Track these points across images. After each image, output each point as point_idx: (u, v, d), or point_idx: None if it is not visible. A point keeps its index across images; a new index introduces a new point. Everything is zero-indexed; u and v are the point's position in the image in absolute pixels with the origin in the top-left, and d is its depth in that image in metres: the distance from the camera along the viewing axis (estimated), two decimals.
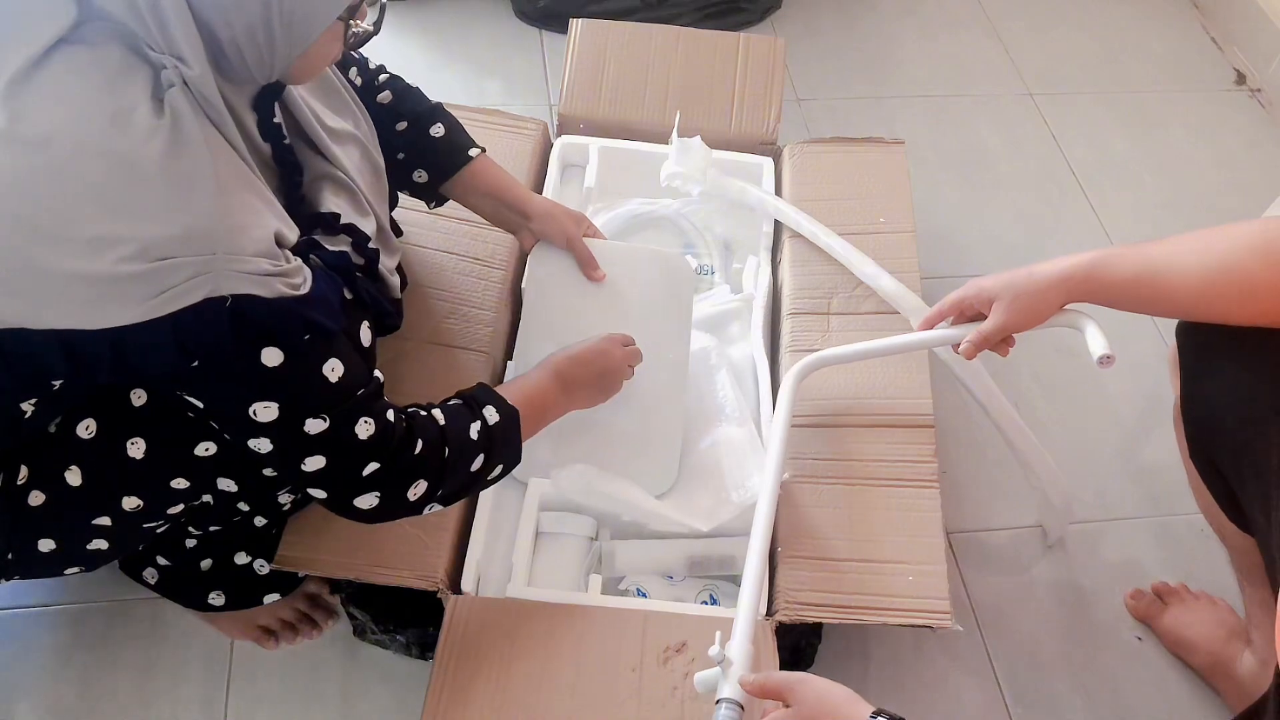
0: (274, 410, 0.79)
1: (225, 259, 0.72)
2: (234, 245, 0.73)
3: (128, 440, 0.86)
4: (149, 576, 1.11)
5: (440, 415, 0.92)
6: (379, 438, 0.85)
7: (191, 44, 0.74)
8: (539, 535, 1.13)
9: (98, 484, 0.87)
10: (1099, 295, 0.97)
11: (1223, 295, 0.90)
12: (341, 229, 0.92)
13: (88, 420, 0.86)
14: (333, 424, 0.82)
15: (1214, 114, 1.89)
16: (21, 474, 0.86)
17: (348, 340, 0.83)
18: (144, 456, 0.87)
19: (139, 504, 0.89)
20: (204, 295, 0.72)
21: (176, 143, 0.72)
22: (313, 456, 0.83)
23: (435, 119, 1.13)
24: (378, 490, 0.88)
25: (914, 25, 2.03)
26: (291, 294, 0.76)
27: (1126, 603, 1.26)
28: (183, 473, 0.89)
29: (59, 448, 0.86)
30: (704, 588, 1.13)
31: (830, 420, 1.17)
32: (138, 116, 0.72)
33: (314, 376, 0.80)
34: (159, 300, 0.71)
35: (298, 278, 0.77)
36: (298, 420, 0.81)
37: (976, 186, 1.74)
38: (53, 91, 0.71)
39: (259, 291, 0.74)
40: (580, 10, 1.72)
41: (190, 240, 0.71)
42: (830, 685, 0.83)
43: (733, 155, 1.42)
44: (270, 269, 0.75)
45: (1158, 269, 0.92)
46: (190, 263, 0.71)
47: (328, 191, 0.93)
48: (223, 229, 0.73)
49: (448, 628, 1.00)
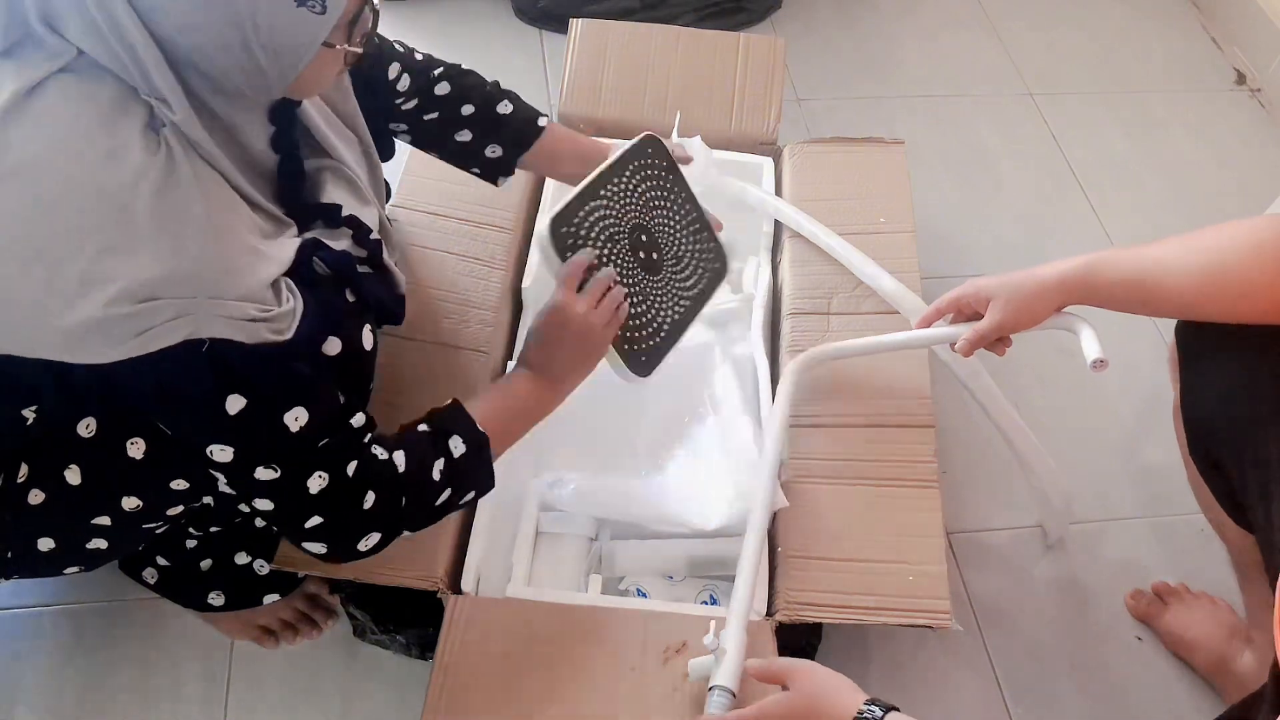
0: (229, 454, 0.79)
1: (207, 303, 0.72)
2: (218, 289, 0.73)
3: (128, 440, 0.86)
4: (149, 576, 1.11)
5: (400, 459, 0.88)
6: (329, 491, 0.84)
7: (172, 90, 0.73)
8: (539, 535, 1.13)
9: (97, 483, 0.87)
10: (1095, 298, 0.98)
11: (1218, 295, 0.90)
12: (344, 221, 0.93)
13: (88, 419, 0.86)
14: (283, 474, 0.81)
15: (1214, 114, 1.89)
16: (21, 472, 0.86)
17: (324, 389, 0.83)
18: (144, 457, 0.87)
19: (138, 504, 0.89)
20: (183, 337, 0.72)
21: (168, 183, 0.72)
22: (262, 499, 0.83)
23: (501, 97, 1.14)
24: (323, 541, 0.87)
25: (914, 25, 2.03)
26: (274, 340, 0.76)
27: (1126, 603, 1.26)
28: (182, 474, 0.89)
29: (59, 447, 0.86)
30: (704, 588, 1.13)
31: (830, 420, 1.17)
32: (130, 154, 0.71)
33: (274, 426, 0.79)
34: (140, 340, 0.72)
35: (284, 322, 0.77)
36: (249, 467, 0.81)
37: (976, 186, 1.74)
38: (45, 124, 0.71)
39: (238, 337, 0.74)
40: (580, 10, 1.72)
41: (175, 282, 0.71)
42: (829, 673, 0.85)
43: (733, 155, 1.42)
44: (255, 314, 0.75)
45: (1152, 271, 0.93)
46: (172, 304, 0.71)
47: (329, 184, 0.93)
48: (208, 272, 0.73)
49: (448, 628, 1.00)
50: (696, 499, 1.12)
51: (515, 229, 1.31)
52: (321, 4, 0.74)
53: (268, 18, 0.72)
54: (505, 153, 1.15)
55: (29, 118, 0.71)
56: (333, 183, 0.93)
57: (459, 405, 0.94)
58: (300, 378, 0.79)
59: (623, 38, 1.50)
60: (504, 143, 1.14)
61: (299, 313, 0.78)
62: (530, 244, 1.32)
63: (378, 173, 1.05)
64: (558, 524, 1.13)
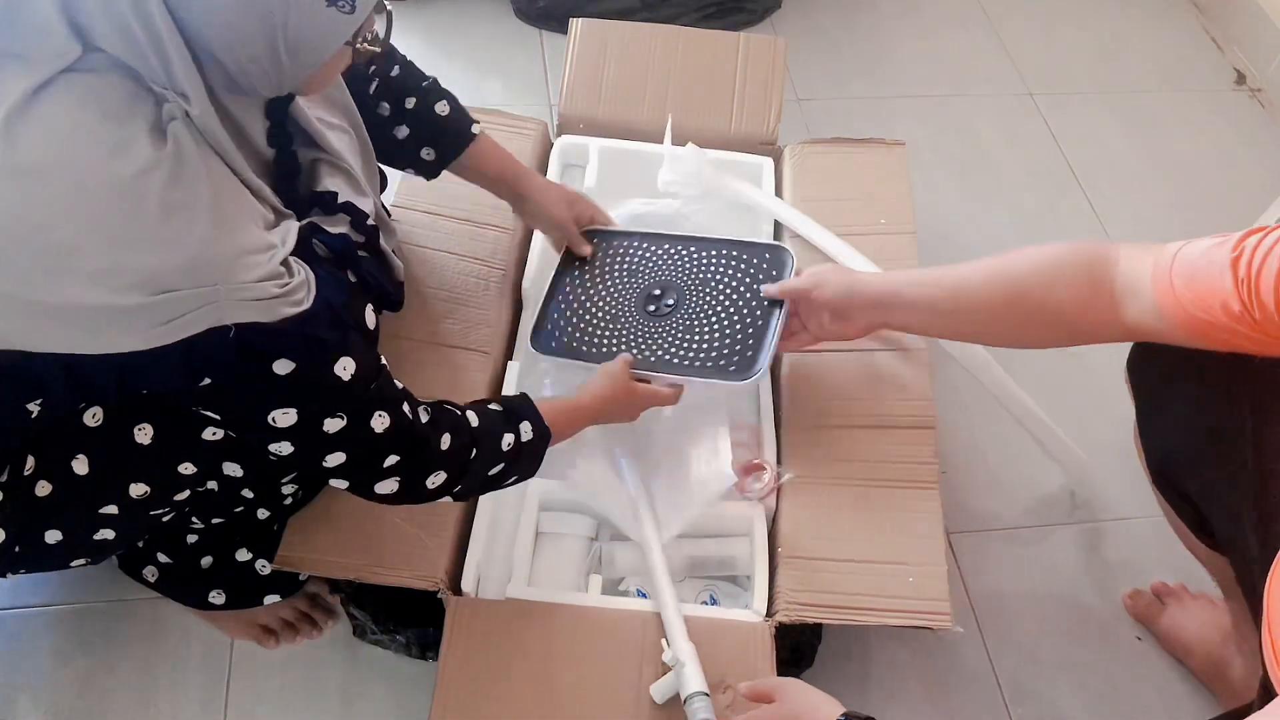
0: (292, 415, 0.80)
1: (227, 289, 0.73)
2: (236, 275, 0.73)
3: (135, 426, 0.87)
4: (149, 575, 1.11)
5: (474, 418, 0.94)
6: (394, 429, 0.86)
7: (193, 82, 0.74)
8: (539, 535, 1.13)
9: (105, 472, 0.88)
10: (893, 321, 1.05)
11: (1012, 315, 0.92)
12: (340, 208, 0.93)
13: (95, 409, 0.87)
14: (350, 421, 0.83)
15: (1214, 114, 1.89)
16: (28, 465, 0.87)
17: (356, 338, 0.84)
18: (151, 442, 0.87)
19: (146, 490, 0.90)
20: (208, 325, 0.73)
21: (178, 175, 0.73)
22: (333, 453, 0.85)
23: (439, 96, 1.14)
24: (398, 477, 0.89)
25: (914, 25, 2.03)
26: (294, 313, 0.76)
27: (1125, 603, 1.26)
28: (190, 457, 0.90)
29: (66, 437, 0.87)
30: (704, 588, 1.13)
31: (830, 420, 1.17)
32: (139, 148, 0.72)
33: (327, 379, 0.81)
34: (163, 330, 0.72)
35: (300, 293, 0.77)
36: (316, 422, 0.82)
37: (976, 186, 1.74)
38: (53, 122, 0.71)
39: (262, 318, 0.75)
40: (580, 10, 1.72)
41: (192, 272, 0.72)
42: (812, 691, 0.88)
43: (733, 155, 1.42)
44: (274, 292, 0.75)
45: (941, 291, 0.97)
46: (193, 294, 0.72)
47: (324, 175, 0.94)
48: (224, 259, 0.73)
49: (450, 630, 1.00)
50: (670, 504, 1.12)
51: (515, 229, 1.30)
52: (351, 3, 0.75)
53: (298, 16, 0.73)
54: (437, 156, 1.15)
55: (38, 116, 0.71)
56: (328, 174, 0.94)
57: (529, 398, 1.00)
58: (332, 335, 0.81)
59: (623, 38, 1.50)
60: (437, 146, 1.14)
61: (312, 282, 0.79)
62: (530, 243, 1.32)
63: (371, 162, 1.05)
64: (558, 524, 1.13)
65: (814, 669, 1.15)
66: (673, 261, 1.13)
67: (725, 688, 0.97)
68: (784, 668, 1.04)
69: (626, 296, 1.07)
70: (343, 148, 0.98)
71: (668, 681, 0.96)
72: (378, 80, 1.10)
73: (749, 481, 1.14)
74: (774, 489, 1.13)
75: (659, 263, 1.13)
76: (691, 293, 1.10)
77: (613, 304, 1.12)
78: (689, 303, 1.09)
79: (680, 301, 1.08)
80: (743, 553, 1.12)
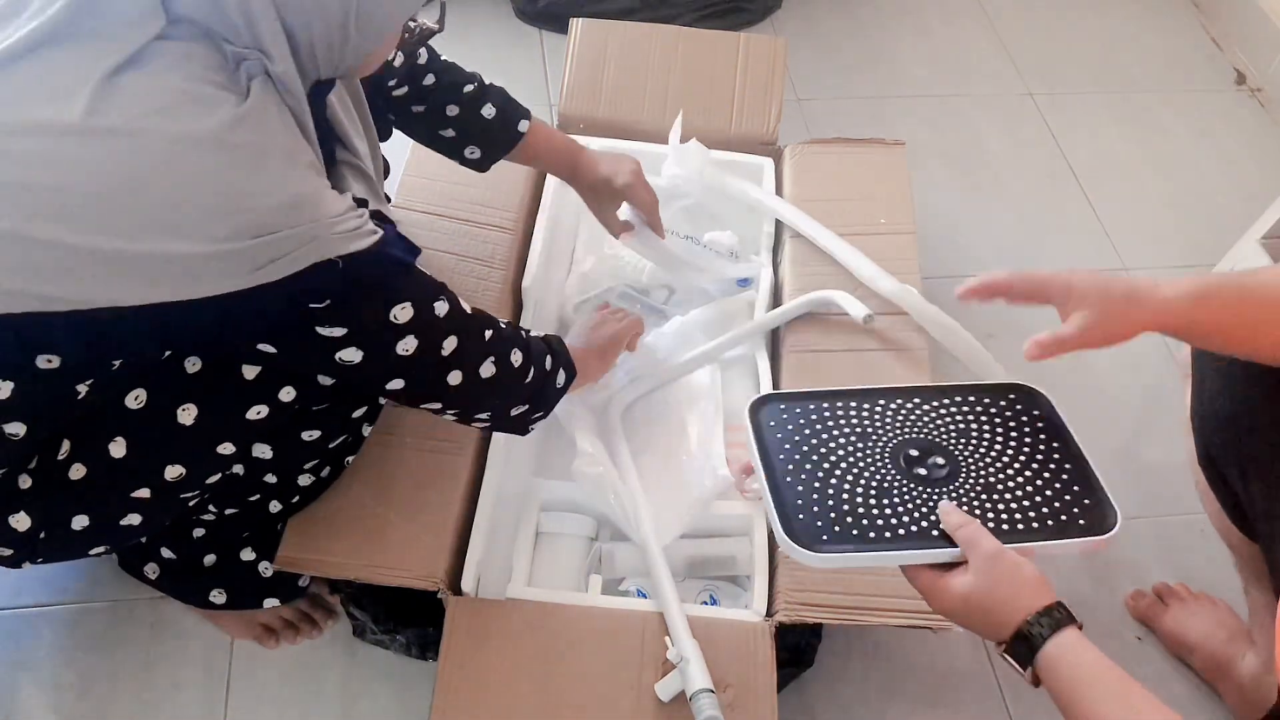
0: (409, 310, 0.85)
1: (325, 224, 0.76)
2: (328, 211, 0.77)
3: (179, 407, 0.88)
4: (150, 572, 1.11)
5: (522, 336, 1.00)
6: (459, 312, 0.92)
7: (278, 42, 0.77)
8: (539, 535, 1.13)
9: (144, 454, 0.89)
10: (1195, 332, 0.88)
11: None
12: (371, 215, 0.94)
13: (137, 390, 0.88)
14: (451, 305, 0.90)
15: (1214, 114, 1.89)
16: (63, 449, 0.87)
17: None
18: (194, 423, 0.89)
19: (181, 473, 0.91)
20: (313, 260, 0.76)
21: (263, 124, 0.76)
22: (448, 338, 0.89)
23: (485, 99, 1.17)
24: (492, 356, 0.94)
25: (914, 25, 2.03)
26: (376, 239, 0.80)
27: (1126, 603, 1.26)
28: (229, 436, 0.92)
29: (107, 420, 0.88)
30: (704, 588, 1.13)
31: None
32: (226, 102, 0.74)
33: (422, 276, 0.88)
34: (268, 269, 0.75)
35: (370, 224, 0.81)
36: (429, 308, 0.87)
37: (976, 186, 1.74)
38: (143, 85, 0.74)
39: (359, 246, 0.79)
40: (580, 10, 1.72)
41: (289, 212, 0.75)
42: (1012, 564, 0.77)
43: (733, 155, 1.42)
44: (357, 224, 0.79)
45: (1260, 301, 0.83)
46: (294, 234, 0.75)
47: (350, 178, 0.96)
48: (315, 199, 0.77)
49: (450, 631, 1.00)
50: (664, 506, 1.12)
51: (515, 229, 1.31)
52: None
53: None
54: (484, 154, 1.19)
55: (129, 82, 0.73)
56: (352, 178, 0.96)
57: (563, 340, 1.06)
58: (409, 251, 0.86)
59: (623, 38, 1.50)
60: (483, 145, 1.18)
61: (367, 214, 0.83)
62: (530, 244, 1.32)
63: (379, 166, 1.07)
64: (558, 524, 1.13)
65: (814, 669, 1.15)
66: (908, 419, 0.93)
67: (725, 687, 0.97)
68: (784, 668, 1.04)
69: (879, 465, 0.88)
70: (361, 148, 0.99)
71: (672, 679, 0.96)
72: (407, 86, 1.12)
73: (749, 481, 1.14)
74: None
75: (893, 422, 0.92)
76: (959, 450, 0.90)
77: (870, 475, 0.89)
78: (966, 461, 0.90)
79: (953, 462, 0.89)
80: (743, 553, 1.12)
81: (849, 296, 1.21)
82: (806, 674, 1.15)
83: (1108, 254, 1.65)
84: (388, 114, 1.15)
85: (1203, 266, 1.59)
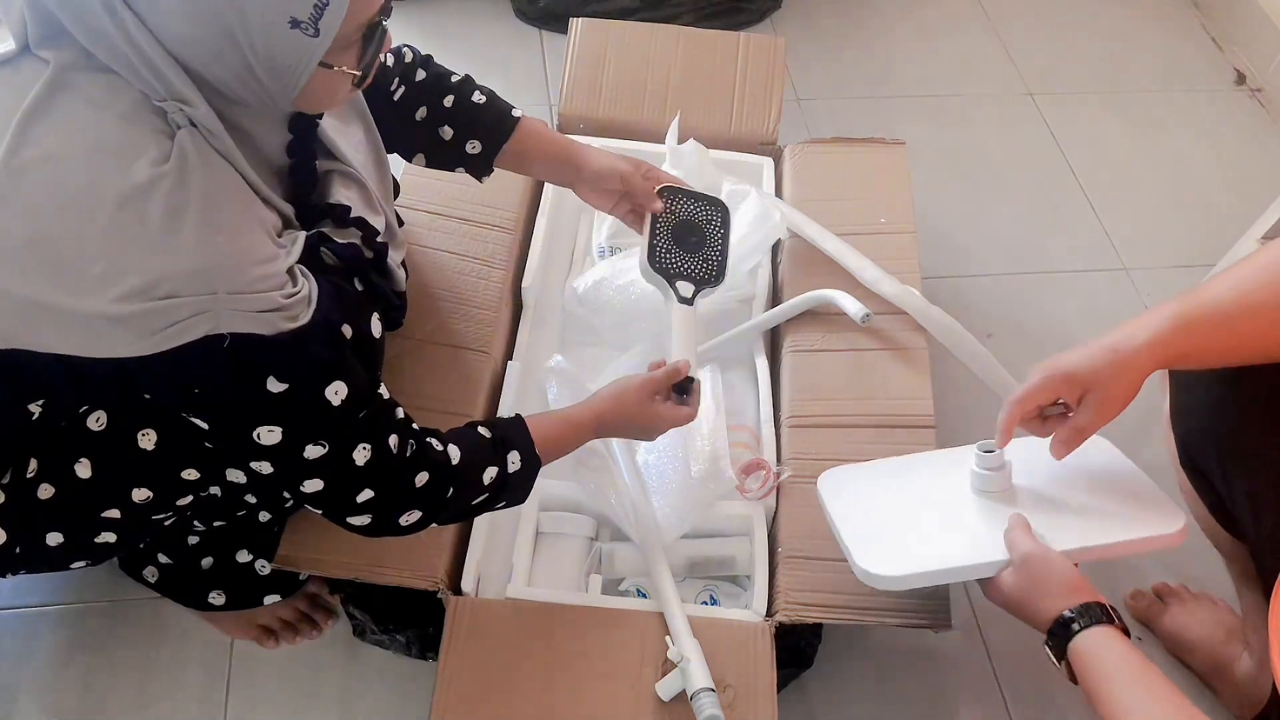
0: (277, 434, 0.80)
1: (226, 298, 0.73)
2: (236, 284, 0.73)
3: (139, 432, 0.87)
4: (149, 575, 1.11)
5: (455, 453, 0.91)
6: (375, 463, 0.85)
7: (188, 87, 0.74)
8: (539, 535, 1.13)
9: (108, 476, 0.88)
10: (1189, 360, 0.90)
11: None
12: (352, 222, 0.93)
13: (98, 413, 0.87)
14: (331, 450, 0.82)
15: (1214, 114, 1.89)
16: (31, 467, 0.87)
17: (351, 361, 0.83)
18: (155, 448, 0.87)
19: (149, 495, 0.90)
20: (204, 333, 0.73)
21: (184, 182, 0.73)
22: (311, 480, 0.84)
23: (474, 87, 1.13)
24: (369, 514, 0.88)
25: (914, 25, 2.03)
26: (292, 328, 0.76)
27: (1126, 603, 1.26)
28: (193, 464, 0.90)
29: (69, 440, 0.87)
30: (704, 588, 1.13)
31: (830, 420, 1.17)
32: (147, 155, 0.72)
33: (317, 401, 0.80)
34: (160, 336, 0.72)
35: (299, 308, 0.77)
36: (299, 445, 0.81)
37: (977, 186, 1.74)
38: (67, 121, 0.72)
39: (258, 330, 0.74)
40: (580, 10, 1.72)
41: (192, 278, 0.72)
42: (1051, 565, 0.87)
43: (733, 155, 1.42)
44: (276, 303, 0.75)
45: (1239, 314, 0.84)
46: (191, 301, 0.72)
47: (338, 185, 0.94)
48: (226, 268, 0.73)
49: (450, 630, 1.00)
50: (665, 506, 1.12)
51: (515, 229, 1.31)
52: (314, 28, 0.73)
53: (261, 37, 0.73)
54: (484, 148, 1.13)
55: (52, 115, 0.72)
56: (342, 185, 0.94)
57: (522, 421, 0.97)
58: (326, 356, 0.80)
59: (623, 38, 1.50)
60: (482, 137, 1.13)
61: (314, 296, 0.79)
62: (530, 244, 1.32)
63: (385, 171, 1.05)
64: (558, 524, 1.13)
65: (814, 669, 1.15)
66: None
67: (725, 687, 0.97)
68: (784, 668, 1.04)
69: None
70: (358, 158, 0.97)
71: (673, 678, 0.96)
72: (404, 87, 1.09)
73: (748, 481, 1.14)
74: (773, 488, 1.13)
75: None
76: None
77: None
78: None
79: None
80: (743, 553, 1.12)
81: (847, 296, 1.21)
82: (806, 674, 1.15)
83: (1108, 254, 1.65)
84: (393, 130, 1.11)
85: (1202, 266, 1.59)
